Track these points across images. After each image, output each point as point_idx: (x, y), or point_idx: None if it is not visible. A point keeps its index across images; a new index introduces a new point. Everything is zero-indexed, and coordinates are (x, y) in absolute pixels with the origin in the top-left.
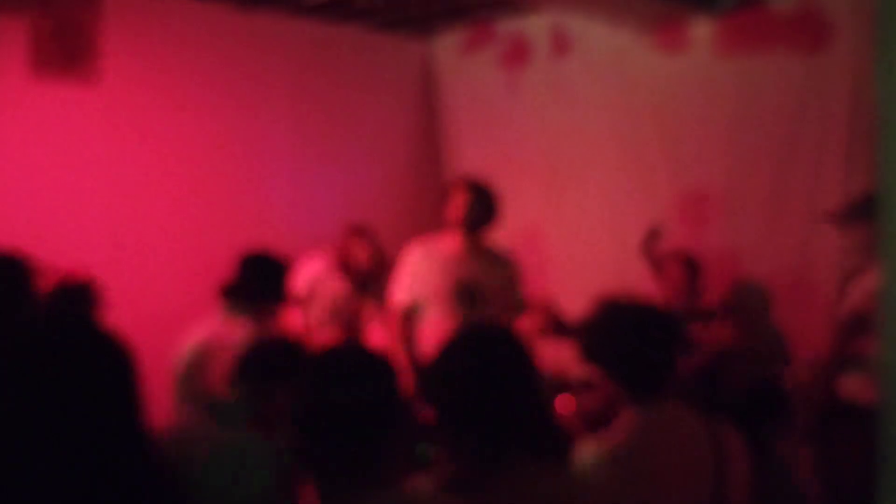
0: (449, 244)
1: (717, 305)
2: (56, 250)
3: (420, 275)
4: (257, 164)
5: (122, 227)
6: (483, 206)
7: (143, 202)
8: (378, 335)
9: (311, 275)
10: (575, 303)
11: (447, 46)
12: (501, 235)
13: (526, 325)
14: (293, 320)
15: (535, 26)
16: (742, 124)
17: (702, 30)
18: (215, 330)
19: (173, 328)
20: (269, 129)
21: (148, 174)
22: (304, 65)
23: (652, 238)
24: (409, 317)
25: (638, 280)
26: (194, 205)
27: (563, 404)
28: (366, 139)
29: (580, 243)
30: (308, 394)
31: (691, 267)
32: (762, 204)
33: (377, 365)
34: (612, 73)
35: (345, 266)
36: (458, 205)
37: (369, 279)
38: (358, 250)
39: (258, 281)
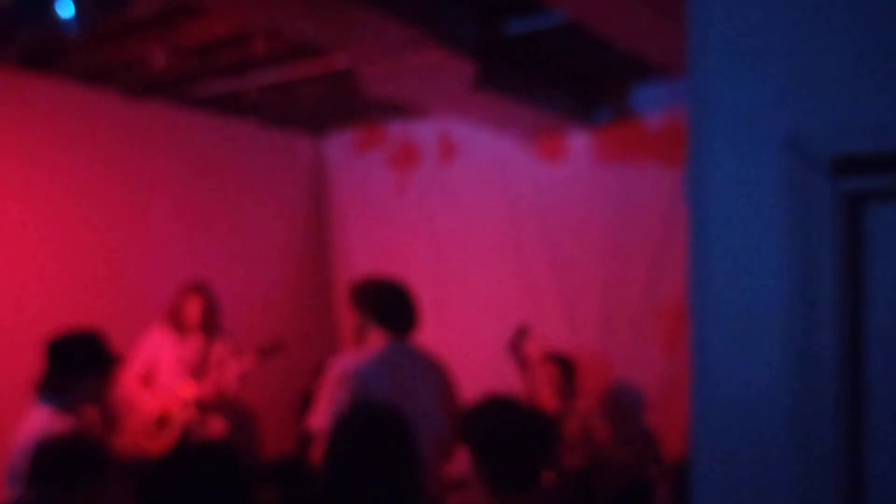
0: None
1: (593, 407)
2: None
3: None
4: (139, 247)
5: None
6: None
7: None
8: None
9: (150, 345)
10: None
11: (338, 145)
12: None
13: None
14: (129, 388)
15: (424, 131)
16: (617, 231)
17: (580, 140)
18: (45, 424)
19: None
20: (154, 213)
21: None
22: (191, 154)
23: (519, 337)
24: None
25: (517, 380)
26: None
27: None
28: (254, 231)
29: (464, 342)
30: None
31: (566, 367)
32: (635, 306)
33: None
34: (496, 178)
35: (177, 322)
36: None
37: (206, 331)
38: (190, 306)
39: (59, 368)
